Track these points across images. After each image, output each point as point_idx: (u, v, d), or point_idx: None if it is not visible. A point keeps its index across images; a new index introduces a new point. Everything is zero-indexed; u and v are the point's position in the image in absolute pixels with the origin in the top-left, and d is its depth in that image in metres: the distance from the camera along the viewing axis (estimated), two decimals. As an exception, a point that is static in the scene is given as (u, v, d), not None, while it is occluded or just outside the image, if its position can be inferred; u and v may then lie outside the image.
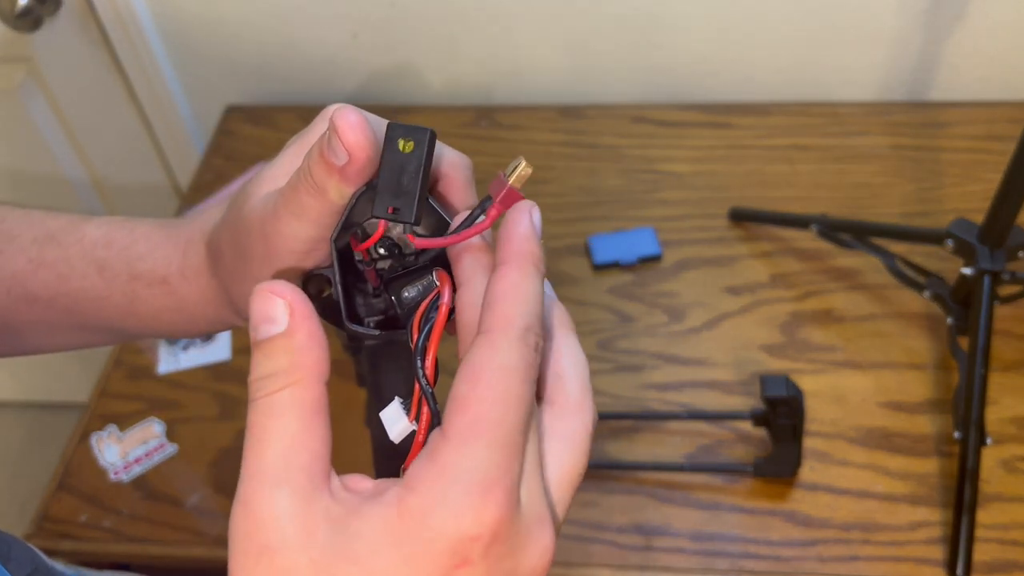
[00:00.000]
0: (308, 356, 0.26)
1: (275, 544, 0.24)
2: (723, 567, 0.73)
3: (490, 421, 0.25)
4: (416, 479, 0.25)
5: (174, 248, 0.38)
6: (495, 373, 0.25)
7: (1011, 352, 0.83)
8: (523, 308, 0.26)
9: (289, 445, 0.25)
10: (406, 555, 0.24)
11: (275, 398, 0.26)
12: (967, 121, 1.03)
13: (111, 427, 0.84)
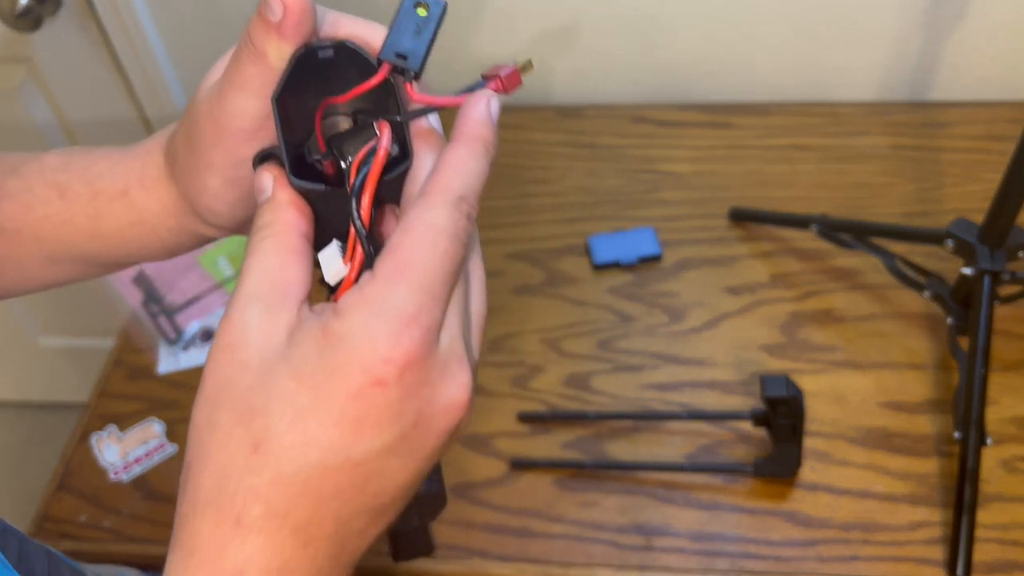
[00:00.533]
0: (286, 213, 0.31)
1: (238, 342, 0.29)
2: (723, 567, 0.73)
3: (415, 266, 0.28)
4: (344, 307, 0.28)
5: (133, 160, 0.38)
6: (426, 228, 0.29)
7: (1011, 352, 0.83)
8: (463, 180, 0.30)
9: (265, 274, 0.30)
10: (327, 366, 0.27)
11: (259, 243, 0.31)
12: (967, 121, 1.03)
13: (111, 427, 0.84)
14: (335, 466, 0.27)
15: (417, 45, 0.31)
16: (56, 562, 0.41)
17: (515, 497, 0.78)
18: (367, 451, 0.28)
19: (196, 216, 0.37)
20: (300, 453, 0.27)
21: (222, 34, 1.12)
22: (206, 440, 0.28)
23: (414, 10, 0.31)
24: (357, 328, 0.27)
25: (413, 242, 0.28)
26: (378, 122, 0.32)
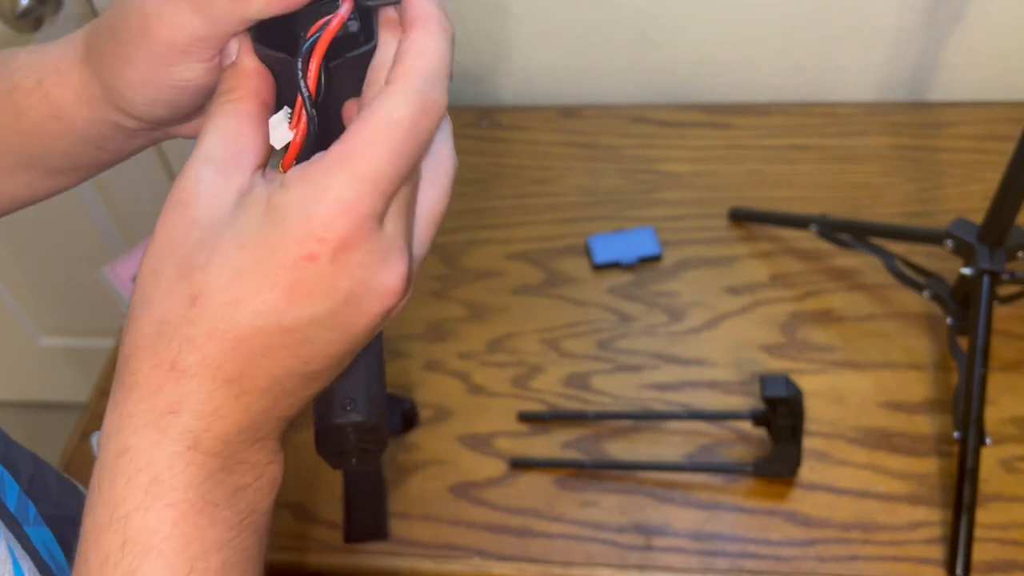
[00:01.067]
0: (249, 80, 0.32)
1: (190, 200, 0.30)
2: (723, 567, 0.73)
3: (362, 156, 0.28)
4: (289, 180, 0.29)
5: (52, 49, 0.38)
6: (381, 118, 0.29)
7: (1011, 352, 0.83)
8: (424, 63, 0.30)
9: (222, 137, 0.31)
10: (266, 235, 0.29)
11: (220, 107, 0.32)
12: (967, 121, 1.03)
13: (111, 427, 0.84)
14: (266, 328, 0.29)
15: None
16: (42, 465, 0.42)
17: (515, 497, 0.78)
18: (297, 319, 0.29)
19: (110, 103, 0.37)
20: (233, 310, 0.29)
21: (222, 34, 1.12)
22: (150, 289, 0.30)
23: None
24: (296, 204, 0.28)
25: (366, 131, 0.29)
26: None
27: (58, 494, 0.42)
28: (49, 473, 0.42)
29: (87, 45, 0.37)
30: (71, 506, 0.42)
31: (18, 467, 0.39)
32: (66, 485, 0.43)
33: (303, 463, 0.82)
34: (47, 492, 0.40)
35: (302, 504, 0.79)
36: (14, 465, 0.39)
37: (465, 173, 1.04)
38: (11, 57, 0.39)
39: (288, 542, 0.77)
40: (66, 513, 0.41)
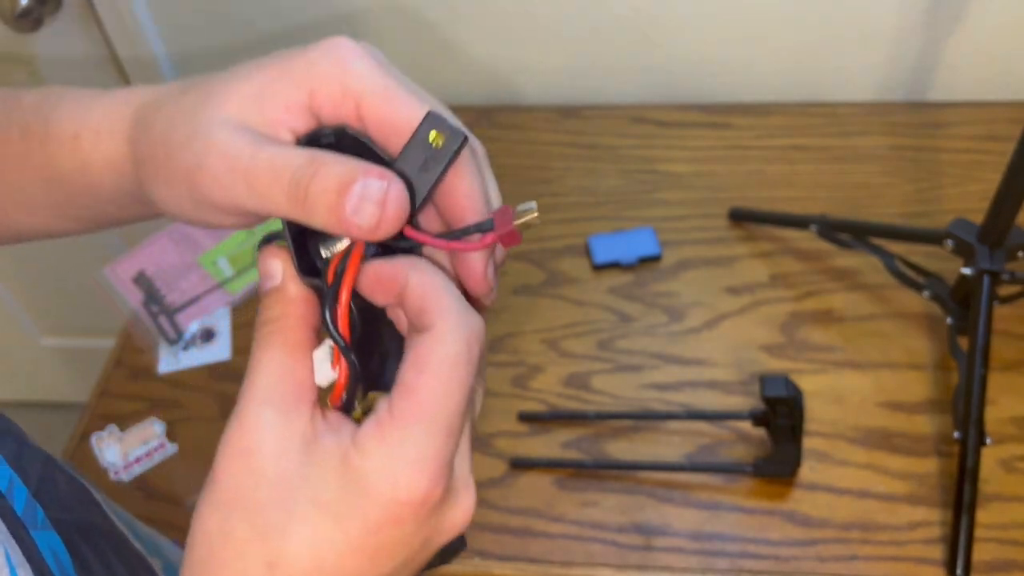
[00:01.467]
0: (296, 307, 0.31)
1: (254, 448, 0.29)
2: (723, 567, 0.73)
3: (432, 406, 0.28)
4: (364, 443, 0.28)
5: (97, 106, 0.36)
6: (439, 364, 0.28)
7: (1011, 352, 0.83)
8: (449, 295, 0.29)
9: (277, 373, 0.30)
10: (348, 500, 0.28)
11: (269, 337, 0.30)
12: (966, 121, 1.03)
13: (111, 427, 0.84)
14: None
15: (421, 182, 0.29)
16: (53, 467, 0.41)
17: (515, 497, 0.78)
18: (376, 575, 0.29)
19: (140, 191, 0.35)
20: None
21: (222, 35, 1.12)
22: (218, 548, 0.29)
23: (427, 138, 0.29)
24: (377, 468, 0.28)
25: (429, 381, 0.28)
26: None
27: (68, 497, 0.41)
28: (60, 475, 0.42)
29: (136, 125, 0.35)
30: (81, 510, 0.41)
31: (28, 469, 0.39)
32: (77, 487, 0.43)
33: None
34: (57, 495, 0.40)
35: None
36: (24, 467, 0.38)
37: (465, 173, 1.04)
38: (55, 101, 0.37)
39: (288, 542, 0.77)
40: (75, 518, 0.40)
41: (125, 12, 1.08)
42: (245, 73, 0.32)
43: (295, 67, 0.31)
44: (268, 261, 0.31)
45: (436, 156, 0.29)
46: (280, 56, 0.32)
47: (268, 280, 0.31)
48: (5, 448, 0.38)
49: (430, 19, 1.07)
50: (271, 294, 0.31)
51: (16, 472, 0.37)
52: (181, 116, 0.32)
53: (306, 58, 0.31)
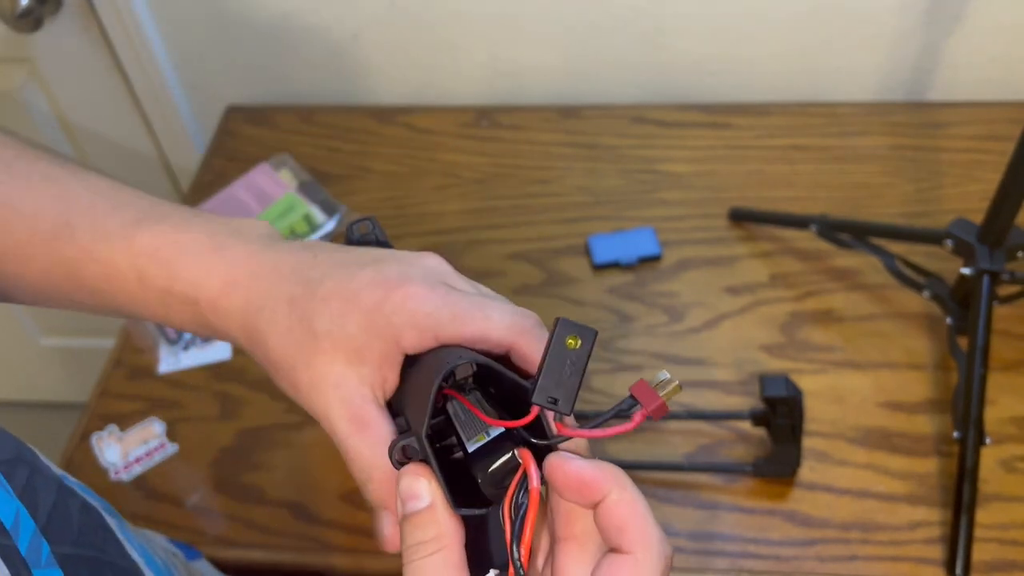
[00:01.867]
0: (449, 525, 0.32)
1: None
2: (722, 566, 0.73)
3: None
4: None
5: (213, 281, 0.39)
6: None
7: (1010, 352, 0.83)
8: (652, 524, 0.30)
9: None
10: None
11: (429, 561, 0.31)
12: (966, 121, 1.03)
13: (111, 427, 0.84)
14: None
15: (569, 387, 0.32)
16: (66, 493, 0.41)
17: (515, 497, 0.78)
18: None
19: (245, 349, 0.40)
20: None
21: (223, 34, 1.12)
22: None
23: (565, 344, 0.31)
24: None
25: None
26: (520, 450, 0.32)
27: (80, 529, 0.40)
28: (73, 502, 0.41)
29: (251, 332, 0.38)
30: (93, 543, 0.41)
31: (38, 500, 0.38)
32: (91, 516, 0.42)
33: (303, 463, 0.82)
34: (67, 527, 0.39)
35: (302, 504, 0.79)
36: (33, 499, 0.38)
37: (465, 173, 1.04)
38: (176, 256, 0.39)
39: (288, 542, 0.77)
40: (86, 554, 0.40)
41: (125, 12, 1.08)
42: (341, 322, 0.35)
43: (379, 324, 0.35)
44: (413, 480, 0.32)
45: (577, 356, 0.32)
46: (358, 302, 0.35)
47: (414, 501, 0.32)
48: (15, 478, 0.37)
49: (430, 19, 1.07)
50: (422, 515, 0.32)
51: (25, 504, 0.37)
52: (298, 355, 0.36)
53: (385, 313, 0.35)
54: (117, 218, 0.41)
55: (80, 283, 0.41)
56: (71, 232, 0.41)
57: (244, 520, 0.78)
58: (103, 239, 0.40)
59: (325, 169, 1.06)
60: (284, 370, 0.37)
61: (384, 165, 1.06)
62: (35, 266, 0.41)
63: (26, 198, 0.41)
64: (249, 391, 0.87)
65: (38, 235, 0.41)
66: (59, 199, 0.41)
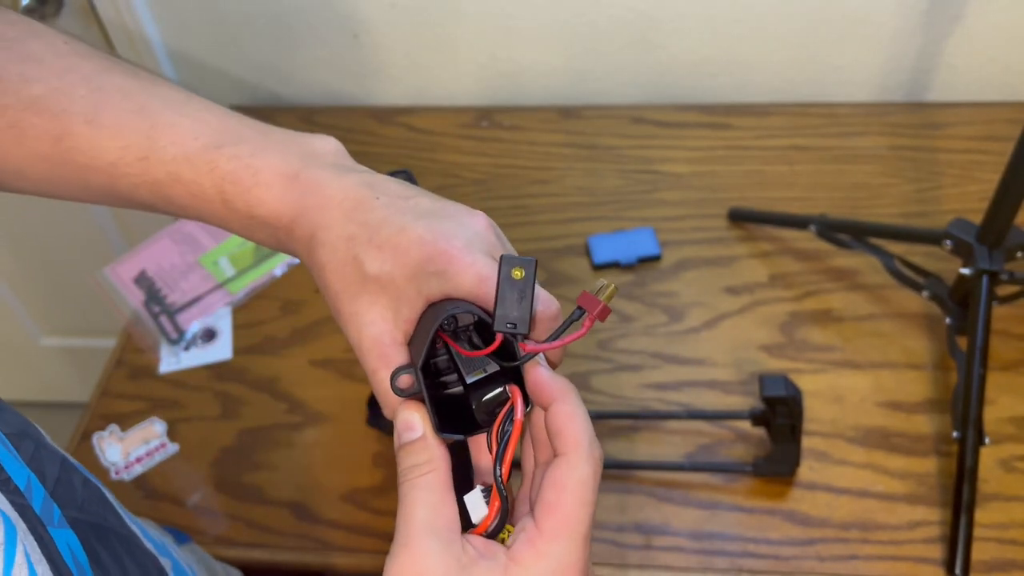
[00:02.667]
0: (438, 451, 0.37)
1: (423, 572, 0.34)
2: (722, 566, 0.73)
3: (573, 521, 0.34)
4: (521, 557, 0.34)
5: (287, 209, 0.41)
6: (576, 485, 0.35)
7: (1009, 352, 0.83)
8: (584, 429, 0.36)
9: (433, 509, 0.35)
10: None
11: (421, 480, 0.36)
12: (965, 122, 1.03)
13: (112, 427, 0.84)
14: None
15: (522, 311, 0.36)
16: (69, 468, 0.43)
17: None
18: None
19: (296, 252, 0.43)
20: None
21: (223, 35, 1.12)
22: None
23: (511, 276, 0.36)
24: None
25: (567, 500, 0.34)
26: (510, 386, 0.37)
27: (83, 499, 0.43)
28: (76, 477, 0.43)
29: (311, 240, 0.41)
30: (96, 511, 0.43)
31: (45, 470, 0.40)
32: (92, 490, 0.44)
33: (304, 463, 0.82)
34: (72, 496, 0.41)
35: (303, 504, 0.79)
36: (40, 468, 0.40)
37: (465, 173, 1.05)
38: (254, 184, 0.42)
39: (289, 542, 0.77)
40: (90, 518, 0.42)
41: (126, 13, 1.08)
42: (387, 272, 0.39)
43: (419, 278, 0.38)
44: (408, 414, 0.38)
45: (524, 284, 0.36)
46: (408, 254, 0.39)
47: (409, 432, 0.37)
48: (23, 449, 0.39)
49: (430, 20, 1.08)
50: (415, 443, 0.37)
51: (33, 472, 0.39)
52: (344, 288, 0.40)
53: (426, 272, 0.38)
54: (199, 140, 0.43)
55: (169, 200, 0.43)
56: (158, 152, 0.42)
57: (245, 520, 0.79)
58: (187, 161, 0.42)
59: (325, 169, 1.06)
60: (332, 296, 0.40)
61: (385, 165, 1.06)
62: (124, 184, 0.43)
63: (114, 118, 0.43)
64: (250, 391, 0.87)
65: (128, 153, 0.42)
66: (143, 117, 0.43)
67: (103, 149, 0.43)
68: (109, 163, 0.43)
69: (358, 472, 0.80)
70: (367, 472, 0.80)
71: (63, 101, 0.42)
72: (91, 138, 0.43)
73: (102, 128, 0.43)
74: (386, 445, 0.81)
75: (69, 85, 0.43)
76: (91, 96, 0.43)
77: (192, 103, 0.44)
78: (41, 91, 0.42)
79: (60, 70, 0.43)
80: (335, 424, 0.83)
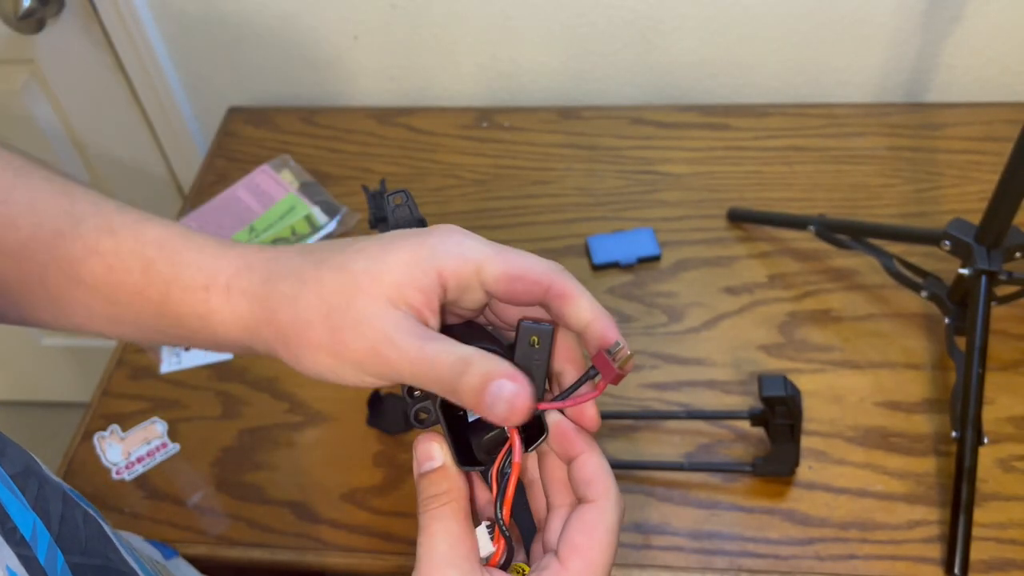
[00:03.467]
0: (458, 481, 0.37)
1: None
2: (722, 566, 0.73)
3: (599, 566, 0.36)
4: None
5: (225, 264, 0.39)
6: (604, 532, 0.36)
7: (1008, 352, 0.83)
8: (612, 480, 0.37)
9: (454, 541, 0.36)
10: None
11: (441, 510, 0.37)
12: (964, 122, 1.03)
13: (113, 427, 0.85)
14: None
15: (538, 375, 0.37)
16: (71, 504, 0.41)
17: (515, 496, 0.78)
18: None
19: (260, 340, 0.39)
20: None
21: (224, 36, 1.13)
22: None
23: (529, 341, 0.37)
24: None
25: (595, 544, 0.36)
26: (510, 429, 0.37)
27: (86, 538, 0.41)
28: (77, 512, 0.42)
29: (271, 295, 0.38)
30: (98, 552, 0.41)
31: (49, 510, 0.39)
32: (92, 525, 0.42)
33: (304, 463, 0.82)
34: (76, 537, 0.40)
35: (303, 504, 0.79)
36: (45, 509, 0.38)
37: (465, 174, 1.05)
38: (184, 246, 0.40)
39: (289, 542, 0.77)
40: (93, 561, 0.41)
41: (127, 14, 1.08)
42: (380, 257, 0.37)
43: (422, 255, 0.36)
44: (428, 445, 0.38)
45: (539, 352, 0.37)
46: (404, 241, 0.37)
47: (429, 461, 0.38)
48: (28, 490, 0.38)
49: (430, 21, 1.08)
50: (436, 472, 0.37)
51: (39, 515, 0.38)
52: (336, 298, 0.36)
53: (429, 244, 0.37)
54: (124, 216, 0.41)
55: (79, 279, 0.40)
56: (75, 226, 0.40)
57: (245, 519, 0.79)
58: (108, 232, 0.40)
59: (326, 170, 1.06)
60: (316, 324, 0.37)
61: (385, 166, 1.07)
62: (33, 264, 0.41)
63: (31, 196, 0.41)
64: (251, 391, 0.87)
65: (42, 231, 0.40)
66: (63, 196, 0.41)
67: (15, 227, 0.40)
68: (19, 241, 0.40)
69: (358, 472, 0.80)
70: (367, 472, 0.80)
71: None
72: (3, 215, 0.40)
73: (16, 205, 0.41)
74: (386, 445, 0.81)
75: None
76: (13, 180, 0.41)
77: (121, 202, 0.43)
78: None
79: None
80: (335, 424, 0.84)
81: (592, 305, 0.38)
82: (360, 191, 1.03)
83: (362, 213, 1.01)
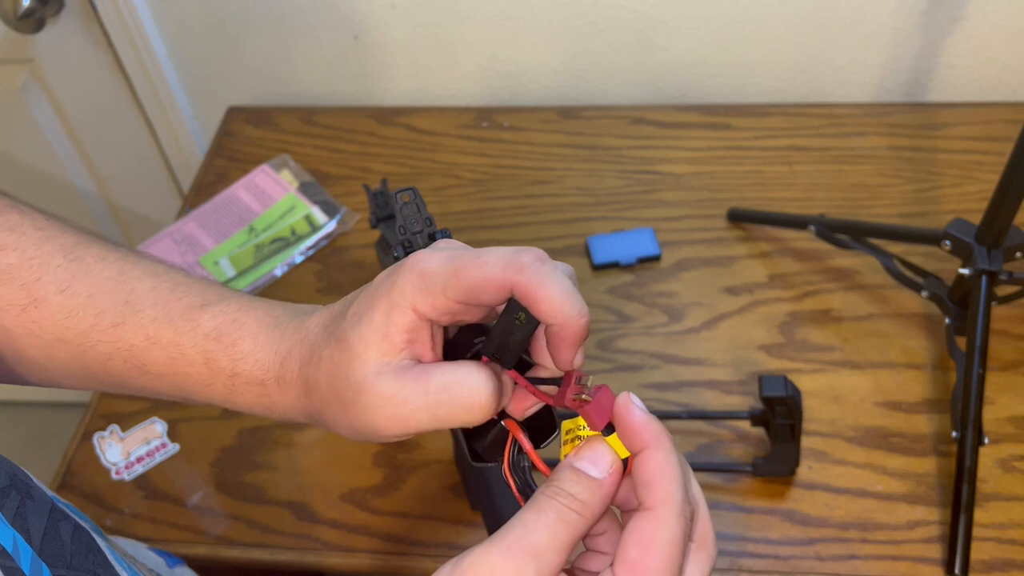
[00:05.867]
0: (603, 505, 0.33)
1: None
2: (722, 566, 0.73)
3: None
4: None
5: (274, 356, 0.40)
6: (663, 546, 0.32)
7: (1008, 352, 0.83)
8: (677, 483, 0.33)
9: (557, 547, 0.32)
10: None
11: (570, 513, 0.33)
12: (964, 122, 1.03)
13: (113, 427, 0.84)
14: None
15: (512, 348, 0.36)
16: (58, 517, 0.41)
17: (515, 496, 0.78)
18: None
19: (322, 422, 0.40)
20: None
21: (224, 36, 1.13)
22: None
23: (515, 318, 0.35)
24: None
25: (652, 561, 0.32)
26: (506, 421, 0.37)
27: (72, 552, 0.41)
28: (65, 526, 0.41)
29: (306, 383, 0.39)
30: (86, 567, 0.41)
31: (30, 527, 0.38)
32: (82, 537, 0.42)
33: (304, 463, 0.82)
34: (61, 551, 0.39)
35: (303, 504, 0.79)
36: (25, 526, 0.38)
37: (465, 174, 1.05)
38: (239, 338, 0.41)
39: (289, 542, 0.77)
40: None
41: (127, 13, 1.08)
42: (364, 316, 0.36)
43: (394, 300, 0.36)
44: (603, 452, 0.34)
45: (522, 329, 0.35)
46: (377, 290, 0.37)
47: (591, 466, 0.34)
48: (7, 507, 0.38)
49: (430, 19, 1.08)
50: (591, 479, 0.34)
51: (18, 531, 0.37)
52: (338, 377, 0.37)
53: (398, 286, 0.36)
54: (182, 301, 0.41)
55: (144, 369, 0.42)
56: (134, 314, 0.41)
57: (245, 520, 0.79)
58: (167, 322, 0.41)
59: (326, 170, 1.06)
60: (332, 405, 0.37)
61: (385, 166, 1.07)
62: (95, 353, 0.42)
63: (90, 285, 0.41)
64: (250, 391, 0.87)
65: (103, 320, 0.41)
66: (121, 283, 0.42)
67: (76, 318, 0.41)
68: (80, 332, 0.41)
69: (358, 472, 0.80)
70: (367, 472, 0.80)
71: (37, 271, 0.41)
72: (64, 307, 0.41)
73: (76, 296, 0.41)
74: (386, 445, 0.81)
75: (47, 255, 0.41)
76: (68, 266, 0.41)
77: (173, 271, 0.43)
78: (15, 260, 0.41)
79: (39, 240, 0.42)
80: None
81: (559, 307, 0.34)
82: (360, 191, 1.03)
83: (362, 213, 1.01)
